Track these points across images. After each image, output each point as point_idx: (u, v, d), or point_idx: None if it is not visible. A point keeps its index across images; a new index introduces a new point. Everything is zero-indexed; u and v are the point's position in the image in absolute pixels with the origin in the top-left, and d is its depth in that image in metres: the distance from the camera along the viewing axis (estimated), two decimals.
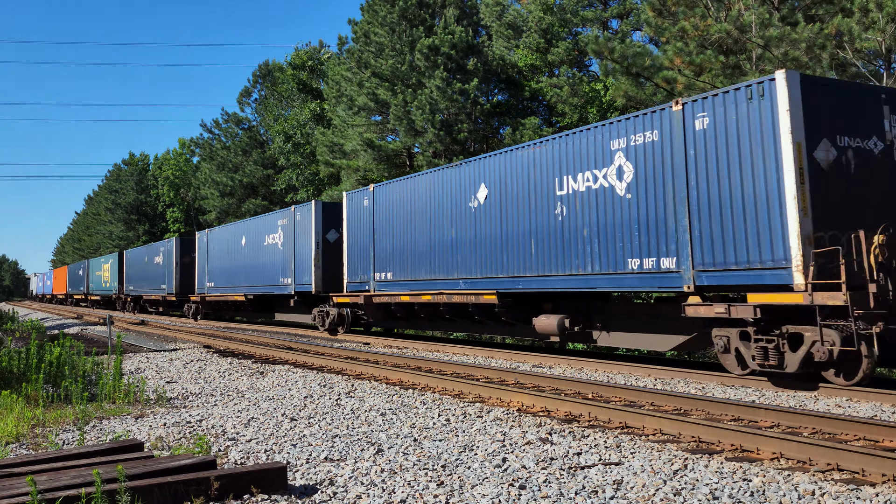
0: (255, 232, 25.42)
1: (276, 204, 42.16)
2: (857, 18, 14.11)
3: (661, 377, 10.76)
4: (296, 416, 7.84)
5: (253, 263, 25.39)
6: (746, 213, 9.59)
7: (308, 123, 38.23)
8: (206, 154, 51.01)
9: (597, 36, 18.92)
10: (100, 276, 50.53)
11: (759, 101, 9.55)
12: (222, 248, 28.52)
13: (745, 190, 9.61)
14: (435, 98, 25.10)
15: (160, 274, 35.77)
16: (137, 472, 4.72)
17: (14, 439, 6.88)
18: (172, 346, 17.75)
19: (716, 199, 9.96)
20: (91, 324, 30.56)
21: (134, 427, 7.47)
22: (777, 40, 14.90)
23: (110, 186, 72.57)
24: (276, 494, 4.89)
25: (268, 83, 46.86)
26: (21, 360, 10.16)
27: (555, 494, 4.86)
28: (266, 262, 24.34)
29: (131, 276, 42.08)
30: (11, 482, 4.68)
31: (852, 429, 6.32)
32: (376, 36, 27.66)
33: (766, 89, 9.44)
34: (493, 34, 30.82)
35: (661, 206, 10.78)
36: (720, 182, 9.93)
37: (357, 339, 18.79)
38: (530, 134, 24.40)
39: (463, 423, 7.28)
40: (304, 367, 12.58)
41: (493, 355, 14.19)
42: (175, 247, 33.89)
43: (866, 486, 4.88)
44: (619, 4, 28.02)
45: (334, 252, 20.89)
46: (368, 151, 27.98)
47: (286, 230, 22.92)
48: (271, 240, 24.11)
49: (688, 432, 6.41)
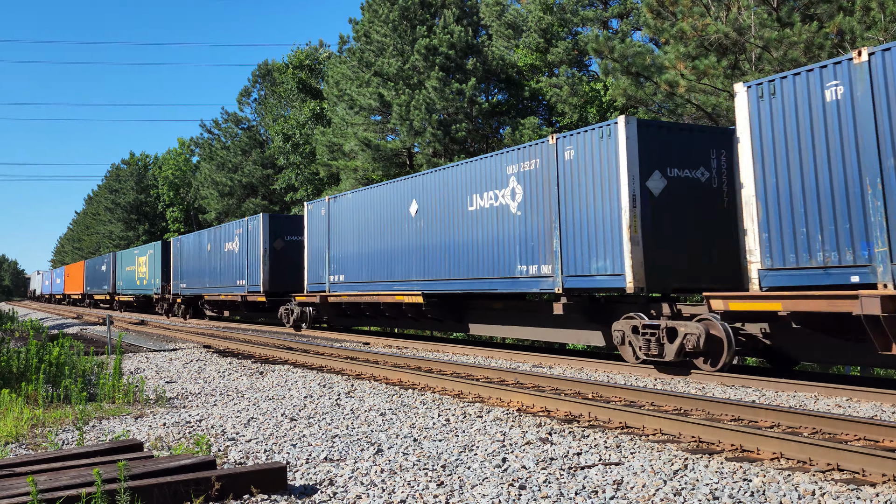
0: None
1: (275, 204, 42.17)
2: (859, 17, 14.09)
3: (662, 377, 10.76)
4: (295, 416, 7.84)
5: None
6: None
7: (307, 123, 38.23)
8: (206, 154, 51.02)
9: (597, 35, 18.90)
10: (132, 271, 41.30)
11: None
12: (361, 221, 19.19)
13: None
14: (432, 98, 25.10)
15: (235, 266, 26.48)
16: (137, 471, 4.71)
17: (14, 439, 6.88)
18: (172, 346, 17.75)
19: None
20: (91, 324, 30.58)
21: (133, 427, 7.46)
22: (775, 42, 14.91)
23: (110, 186, 72.62)
24: (275, 494, 4.89)
25: (267, 83, 46.86)
26: (21, 359, 10.15)
27: (555, 494, 4.85)
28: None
29: (185, 269, 32.23)
30: (11, 482, 4.67)
31: (852, 429, 6.31)
32: (378, 34, 27.66)
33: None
34: (492, 34, 30.82)
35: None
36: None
37: (357, 338, 18.80)
38: (530, 134, 24.40)
39: (463, 423, 7.27)
40: (304, 367, 12.58)
41: (492, 355, 14.19)
42: (262, 227, 24.28)
43: (866, 486, 4.88)
44: (620, 4, 28.01)
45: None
46: (367, 151, 27.97)
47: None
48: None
49: (688, 432, 6.41)
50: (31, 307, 66.50)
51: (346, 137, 29.17)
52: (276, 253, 24.14)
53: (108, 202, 70.94)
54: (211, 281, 28.77)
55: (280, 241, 24.30)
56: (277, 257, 24.14)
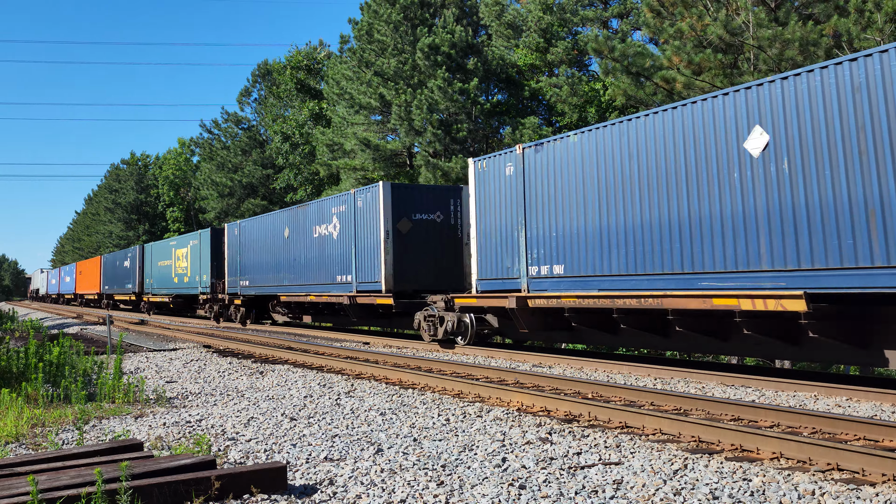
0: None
1: (275, 204, 42.16)
2: (854, 19, 14.11)
3: (661, 377, 10.76)
4: (295, 416, 7.84)
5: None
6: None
7: (307, 123, 38.23)
8: (206, 154, 51.04)
9: (597, 35, 18.91)
10: (167, 267, 34.53)
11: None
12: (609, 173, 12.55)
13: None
14: (435, 98, 25.09)
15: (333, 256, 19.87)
16: (137, 471, 4.72)
17: (14, 439, 6.88)
18: (172, 345, 17.75)
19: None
20: (91, 323, 30.58)
21: (133, 427, 7.47)
22: (769, 41, 14.93)
23: (110, 186, 72.66)
24: (275, 494, 4.89)
25: (267, 83, 46.88)
26: (21, 359, 10.15)
27: (555, 494, 4.86)
28: None
29: (247, 263, 25.50)
30: (11, 482, 4.67)
31: (852, 428, 6.32)
32: (379, 34, 27.66)
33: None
34: (492, 34, 30.82)
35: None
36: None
37: (357, 338, 18.80)
38: (530, 133, 24.40)
39: (463, 423, 7.28)
40: (304, 367, 12.58)
41: (492, 355, 14.19)
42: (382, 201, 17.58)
43: (866, 486, 4.88)
44: (620, 4, 28.02)
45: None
46: (366, 151, 27.98)
47: None
48: None
49: (688, 432, 6.41)
50: (32, 307, 66.49)
51: (346, 137, 29.18)
52: (401, 238, 17.69)
53: (108, 202, 70.98)
54: (292, 277, 22.18)
55: (406, 222, 17.75)
56: (403, 244, 17.70)
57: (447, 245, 18.03)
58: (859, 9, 14.03)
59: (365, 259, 18.30)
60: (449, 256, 17.99)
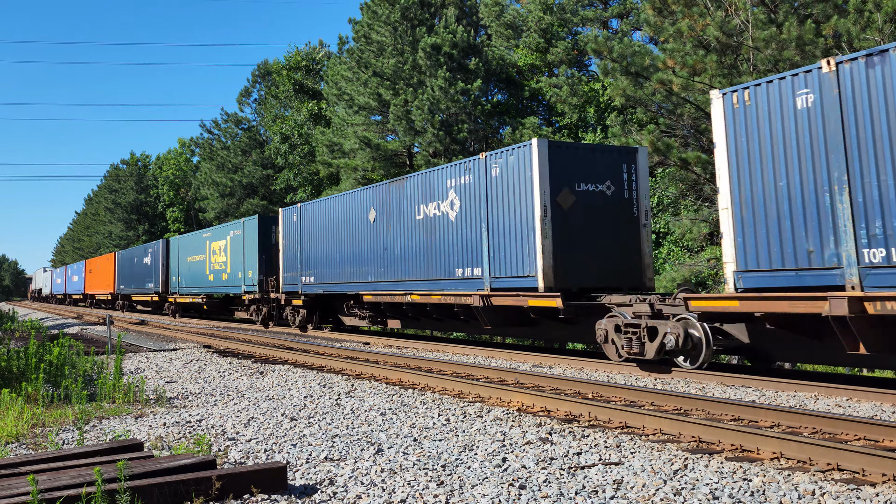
0: None
1: (275, 204, 42.19)
2: (853, 19, 14.12)
3: (661, 377, 10.76)
4: (296, 416, 7.84)
5: None
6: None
7: (306, 124, 38.23)
8: (206, 154, 51.04)
9: (596, 35, 18.91)
10: (200, 262, 29.64)
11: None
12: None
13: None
14: (437, 98, 25.09)
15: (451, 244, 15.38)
16: (137, 471, 4.72)
17: (14, 439, 6.88)
18: (172, 345, 17.75)
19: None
20: (91, 323, 30.58)
21: (134, 427, 7.47)
22: (764, 41, 14.93)
23: (110, 186, 72.68)
24: (276, 494, 4.89)
25: (267, 83, 46.90)
26: (21, 359, 10.15)
27: (555, 494, 4.86)
28: None
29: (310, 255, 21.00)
30: (11, 482, 4.67)
31: (852, 429, 6.32)
32: (378, 35, 27.67)
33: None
34: (492, 34, 30.84)
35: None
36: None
37: (357, 338, 18.79)
38: (530, 133, 24.42)
39: (463, 423, 7.28)
40: (304, 367, 12.58)
41: (493, 355, 14.19)
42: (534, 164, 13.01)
43: (866, 486, 4.88)
44: (619, 4, 28.04)
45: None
46: (366, 150, 27.99)
47: None
48: None
49: (688, 432, 6.41)
50: (32, 307, 66.48)
51: (345, 137, 29.19)
52: (562, 216, 13.08)
53: (108, 202, 70.99)
54: (381, 271, 17.69)
55: (568, 194, 13.15)
56: (566, 224, 13.10)
57: (620, 226, 13.49)
58: (859, 9, 14.04)
59: (505, 246, 13.77)
60: (623, 242, 13.48)
